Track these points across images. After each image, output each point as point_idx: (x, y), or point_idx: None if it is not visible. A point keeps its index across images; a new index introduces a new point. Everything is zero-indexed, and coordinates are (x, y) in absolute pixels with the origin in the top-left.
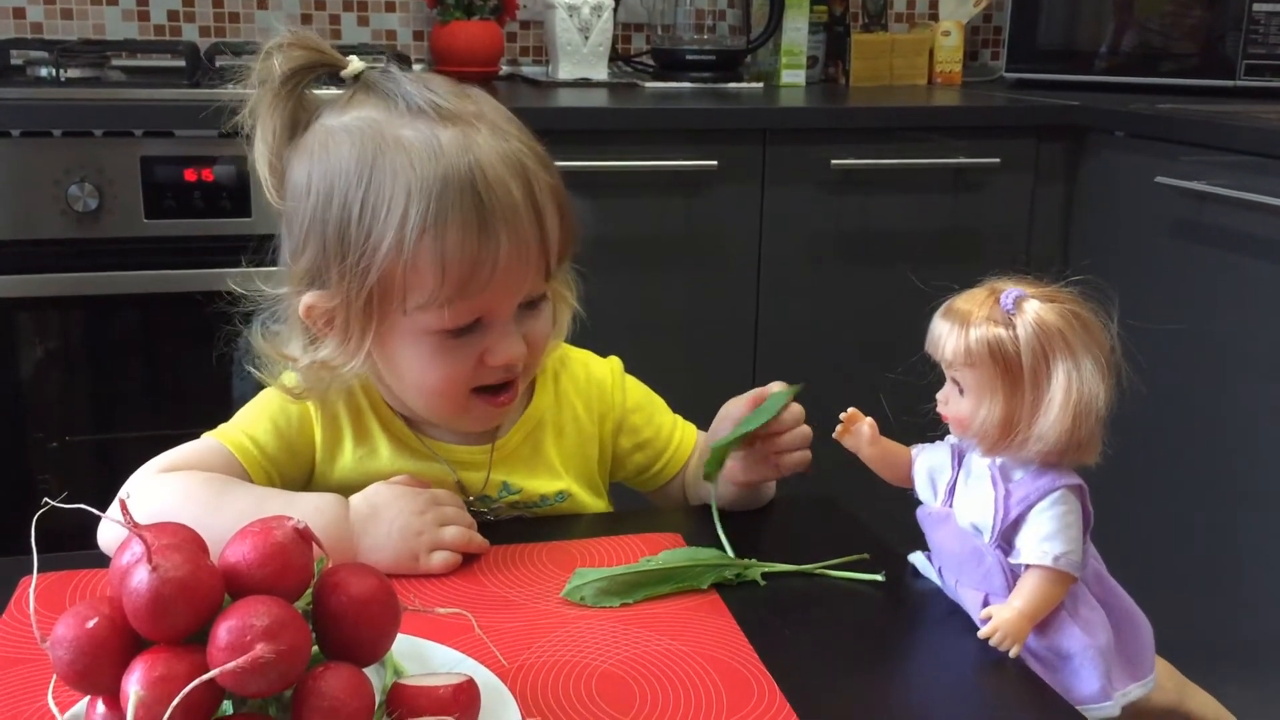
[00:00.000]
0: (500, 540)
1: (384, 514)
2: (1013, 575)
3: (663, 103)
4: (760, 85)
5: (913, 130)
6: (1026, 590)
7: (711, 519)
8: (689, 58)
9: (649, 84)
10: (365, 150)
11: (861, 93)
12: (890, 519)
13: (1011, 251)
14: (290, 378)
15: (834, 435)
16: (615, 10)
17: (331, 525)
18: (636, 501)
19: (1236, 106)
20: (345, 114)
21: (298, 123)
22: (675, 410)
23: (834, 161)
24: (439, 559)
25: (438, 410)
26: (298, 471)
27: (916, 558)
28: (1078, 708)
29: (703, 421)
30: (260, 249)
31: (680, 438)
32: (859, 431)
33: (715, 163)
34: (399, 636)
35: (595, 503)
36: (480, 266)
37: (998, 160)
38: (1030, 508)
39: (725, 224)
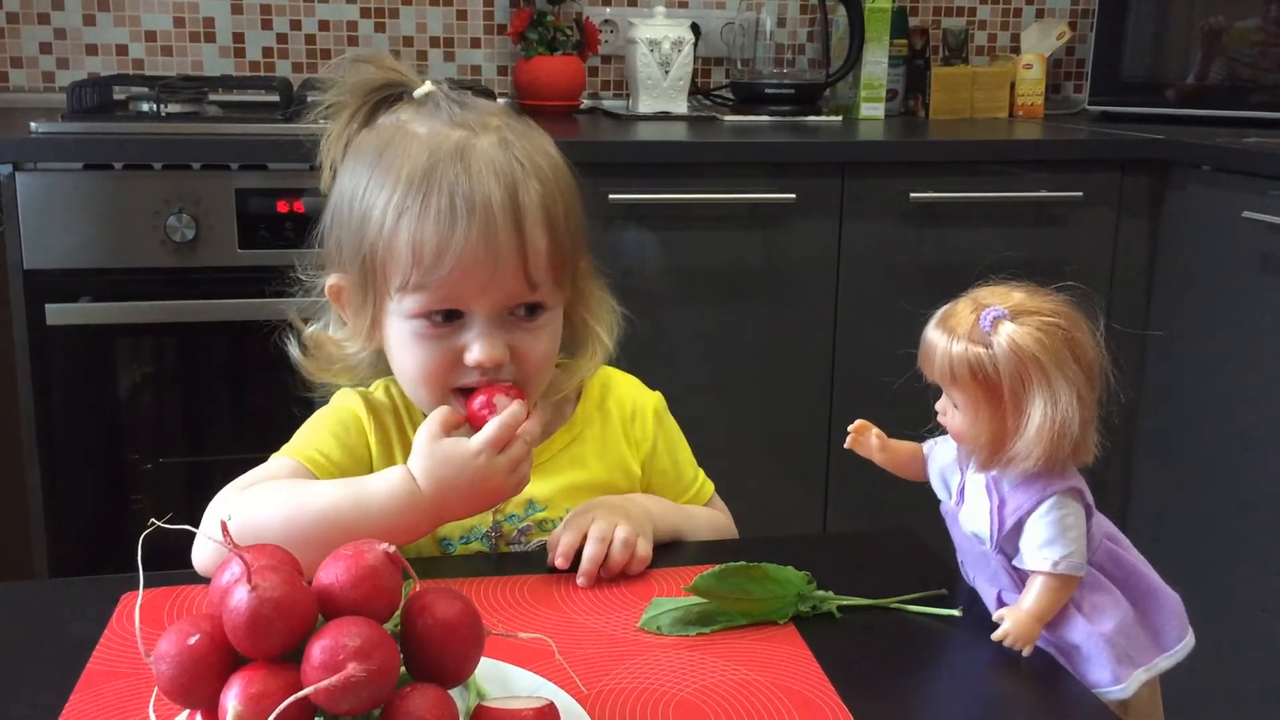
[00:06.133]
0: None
1: (450, 482)
2: (1019, 574)
3: (742, 136)
4: (839, 118)
5: (993, 164)
6: (1033, 595)
7: (789, 547)
8: (768, 91)
9: (728, 117)
10: (382, 139)
11: (941, 126)
12: None
13: (1094, 287)
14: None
15: (845, 445)
16: (695, 45)
17: (409, 507)
18: None
19: None
20: (388, 116)
21: (363, 130)
22: (751, 444)
23: (913, 195)
24: (515, 483)
25: (426, 406)
26: (362, 475)
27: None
28: (1092, 690)
29: (780, 454)
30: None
31: (695, 494)
32: (867, 442)
33: (794, 196)
34: (482, 660)
35: None
36: (445, 253)
37: (1080, 194)
38: (1026, 516)
39: (803, 257)
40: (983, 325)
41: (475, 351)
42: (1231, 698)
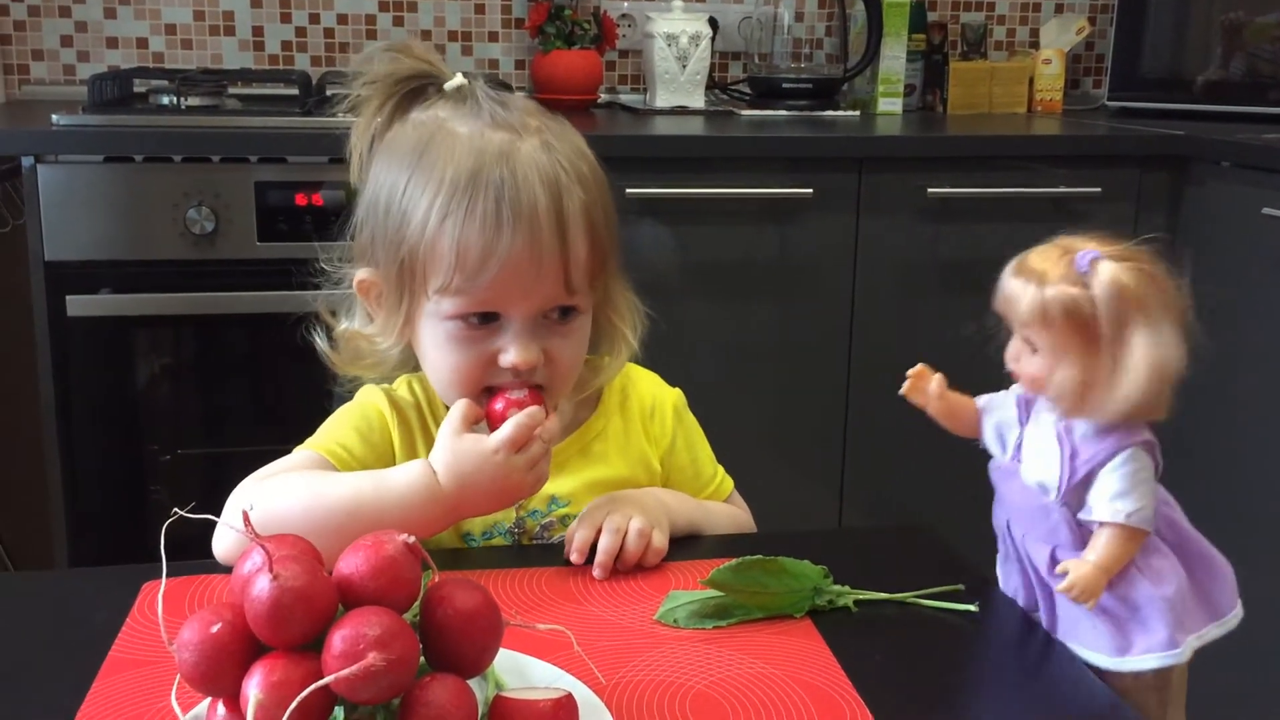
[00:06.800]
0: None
1: (470, 479)
2: (1080, 530)
3: (759, 130)
4: (857, 113)
5: (1011, 159)
6: (1101, 546)
7: (805, 542)
8: (785, 86)
9: (745, 112)
10: (422, 137)
11: (959, 121)
12: (985, 546)
13: None
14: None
15: (901, 391)
16: (713, 39)
17: (428, 501)
18: None
19: None
20: (425, 112)
21: (394, 122)
22: (766, 439)
23: (930, 190)
24: (533, 482)
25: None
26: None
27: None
28: (1147, 655)
29: (795, 450)
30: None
31: (714, 490)
32: (926, 388)
33: (811, 191)
34: (501, 651)
35: None
36: (490, 258)
37: (1099, 190)
38: (1099, 467)
39: (820, 252)
40: (1079, 266)
41: (511, 354)
42: (1244, 697)
